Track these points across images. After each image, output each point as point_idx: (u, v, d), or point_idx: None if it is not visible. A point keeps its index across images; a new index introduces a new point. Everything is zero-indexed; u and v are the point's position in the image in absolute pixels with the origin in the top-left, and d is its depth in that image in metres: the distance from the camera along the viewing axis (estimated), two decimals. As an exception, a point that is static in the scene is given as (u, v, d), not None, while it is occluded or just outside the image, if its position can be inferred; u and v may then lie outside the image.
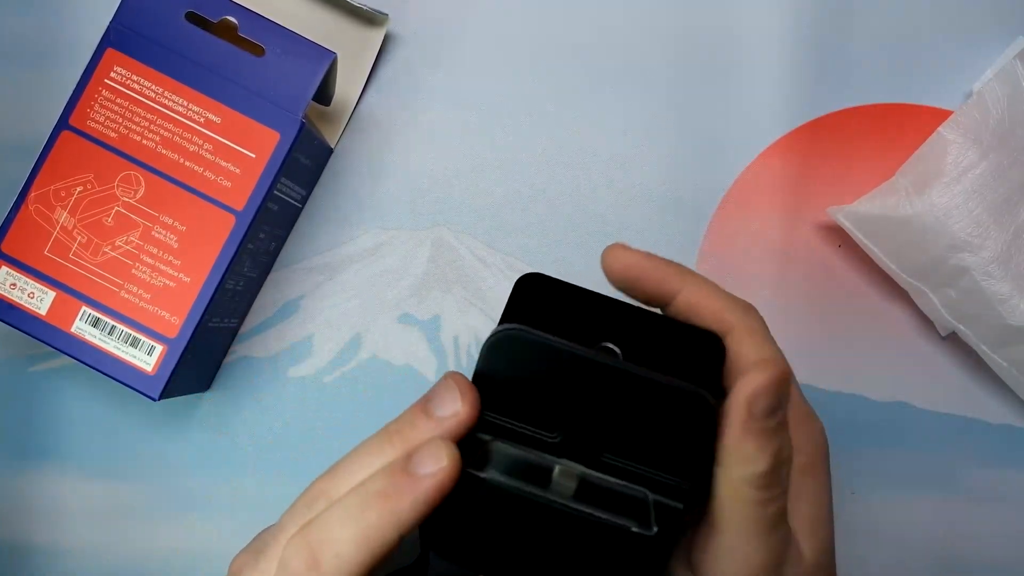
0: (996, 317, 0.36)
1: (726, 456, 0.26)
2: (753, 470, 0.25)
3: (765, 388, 0.25)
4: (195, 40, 0.35)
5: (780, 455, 0.26)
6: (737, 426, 0.25)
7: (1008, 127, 0.36)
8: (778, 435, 0.26)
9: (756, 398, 0.25)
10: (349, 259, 0.40)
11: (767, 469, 0.25)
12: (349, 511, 0.25)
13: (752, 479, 0.26)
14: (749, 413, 0.25)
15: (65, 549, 0.39)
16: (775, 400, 0.25)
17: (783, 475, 0.26)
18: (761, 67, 0.40)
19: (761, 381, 0.25)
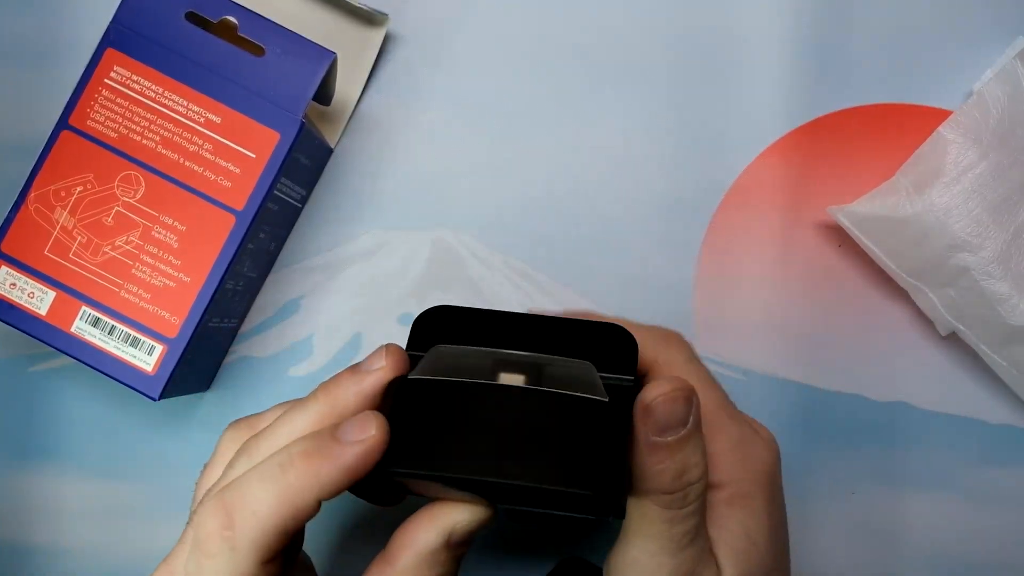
0: (996, 317, 0.36)
1: (636, 469, 0.25)
2: (655, 486, 0.25)
3: (656, 405, 0.25)
4: (195, 40, 0.35)
5: (682, 475, 0.25)
6: (640, 440, 0.25)
7: (1008, 127, 0.36)
8: (679, 453, 0.25)
9: (647, 413, 0.25)
10: (349, 259, 0.40)
11: (668, 487, 0.25)
12: (270, 471, 0.24)
13: (655, 496, 0.25)
14: (644, 428, 0.25)
15: (65, 549, 0.39)
16: (668, 416, 0.25)
17: (690, 497, 0.25)
18: (761, 67, 0.40)
19: (651, 398, 0.25)
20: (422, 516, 0.26)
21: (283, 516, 0.24)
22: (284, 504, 0.24)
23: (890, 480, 0.39)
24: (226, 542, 0.24)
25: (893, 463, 0.39)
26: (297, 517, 0.24)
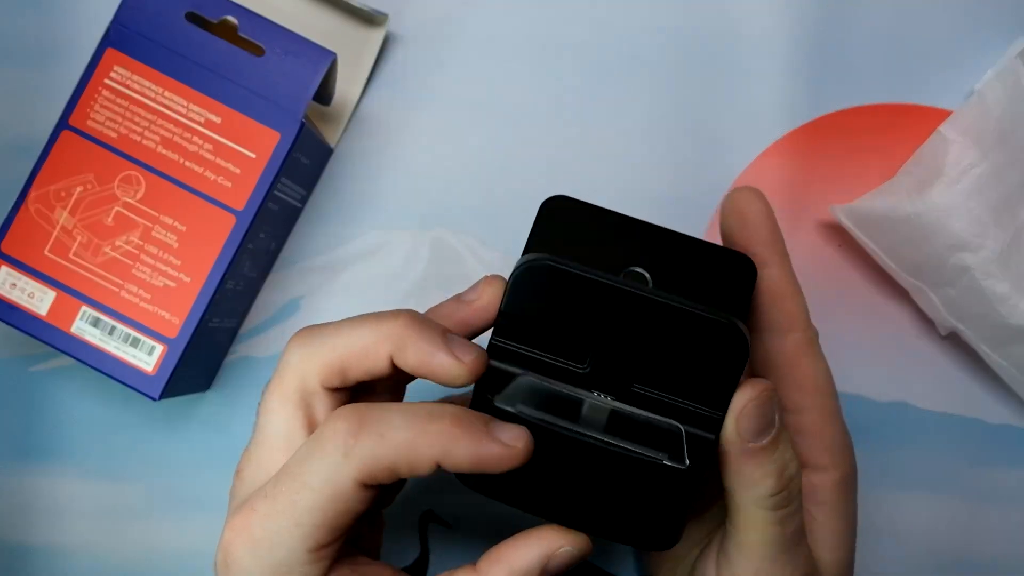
0: (996, 316, 0.36)
1: (733, 480, 0.26)
2: (760, 492, 0.26)
3: (749, 410, 0.25)
4: (195, 40, 0.35)
5: (784, 474, 0.26)
6: (734, 451, 0.26)
7: (1009, 126, 0.36)
8: (775, 453, 0.26)
9: (741, 420, 0.25)
10: (349, 259, 0.40)
11: (773, 490, 0.26)
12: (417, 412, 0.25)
13: (761, 501, 0.26)
14: (739, 437, 0.26)
15: (65, 549, 0.39)
16: (761, 420, 0.25)
17: (793, 492, 0.27)
18: (761, 67, 0.40)
19: (742, 404, 0.25)
20: (526, 535, 0.27)
21: (403, 454, 0.25)
22: (410, 446, 0.25)
23: (890, 480, 0.39)
24: (342, 448, 0.25)
25: (893, 463, 0.39)
26: (412, 464, 0.25)
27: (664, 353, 0.25)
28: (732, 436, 0.26)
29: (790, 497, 0.26)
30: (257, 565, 0.25)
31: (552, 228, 0.26)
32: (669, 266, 0.26)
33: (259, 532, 0.25)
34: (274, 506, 0.25)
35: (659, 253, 0.26)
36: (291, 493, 0.25)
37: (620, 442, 0.26)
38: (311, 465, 0.25)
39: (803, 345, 0.28)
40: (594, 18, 0.40)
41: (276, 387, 0.27)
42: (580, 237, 0.26)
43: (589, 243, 0.26)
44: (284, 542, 0.25)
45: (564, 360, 0.26)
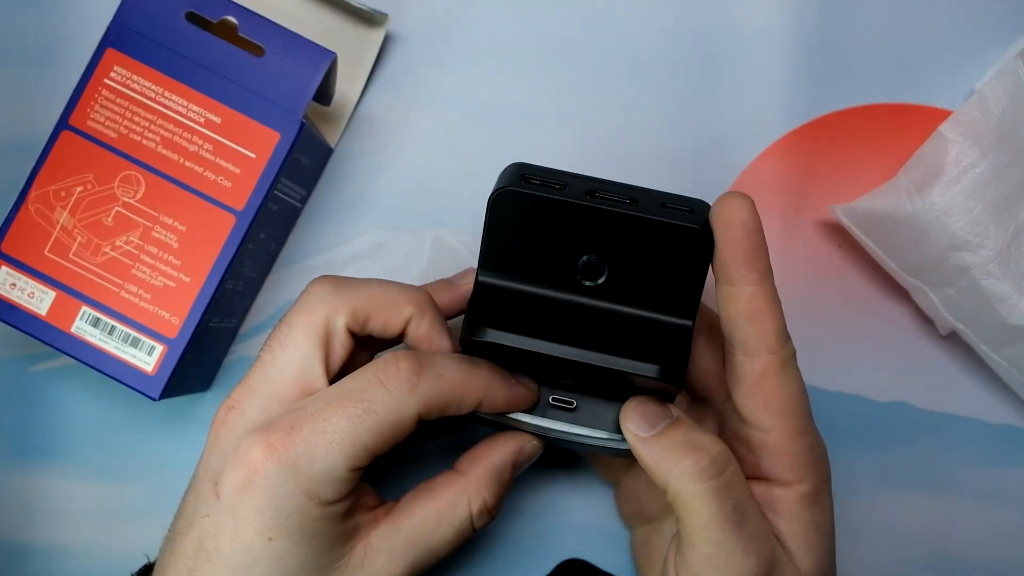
0: (996, 316, 0.36)
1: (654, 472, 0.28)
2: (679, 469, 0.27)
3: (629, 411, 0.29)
4: (195, 40, 0.35)
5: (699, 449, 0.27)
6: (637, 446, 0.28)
7: (1009, 126, 0.36)
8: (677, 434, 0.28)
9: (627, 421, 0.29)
10: (349, 259, 0.40)
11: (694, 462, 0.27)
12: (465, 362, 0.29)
13: (685, 476, 0.27)
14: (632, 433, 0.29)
15: (65, 549, 0.39)
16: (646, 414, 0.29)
17: (720, 463, 0.27)
18: (761, 67, 0.40)
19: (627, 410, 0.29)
20: (497, 438, 0.31)
21: (457, 393, 0.28)
22: (463, 387, 0.28)
23: (890, 480, 0.39)
24: (408, 383, 0.28)
25: (893, 463, 0.39)
26: (461, 403, 0.29)
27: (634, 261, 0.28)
28: (628, 436, 0.28)
29: (716, 467, 0.27)
30: (292, 481, 0.27)
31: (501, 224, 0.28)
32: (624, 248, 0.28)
33: (302, 448, 0.27)
34: (327, 425, 0.27)
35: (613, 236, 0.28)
36: (352, 416, 0.27)
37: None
38: (377, 394, 0.27)
39: (773, 367, 0.28)
40: (594, 18, 0.40)
41: (303, 319, 0.29)
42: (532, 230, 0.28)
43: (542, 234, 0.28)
44: (328, 458, 0.27)
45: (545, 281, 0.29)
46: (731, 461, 0.28)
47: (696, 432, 0.28)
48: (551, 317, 0.28)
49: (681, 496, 0.27)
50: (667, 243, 0.27)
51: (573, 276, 0.28)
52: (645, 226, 0.27)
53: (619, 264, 0.28)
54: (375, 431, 0.27)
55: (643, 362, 0.27)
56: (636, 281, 0.28)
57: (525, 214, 0.27)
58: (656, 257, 0.27)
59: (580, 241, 0.28)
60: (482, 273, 0.29)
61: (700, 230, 0.27)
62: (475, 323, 0.28)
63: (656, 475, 0.28)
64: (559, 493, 0.39)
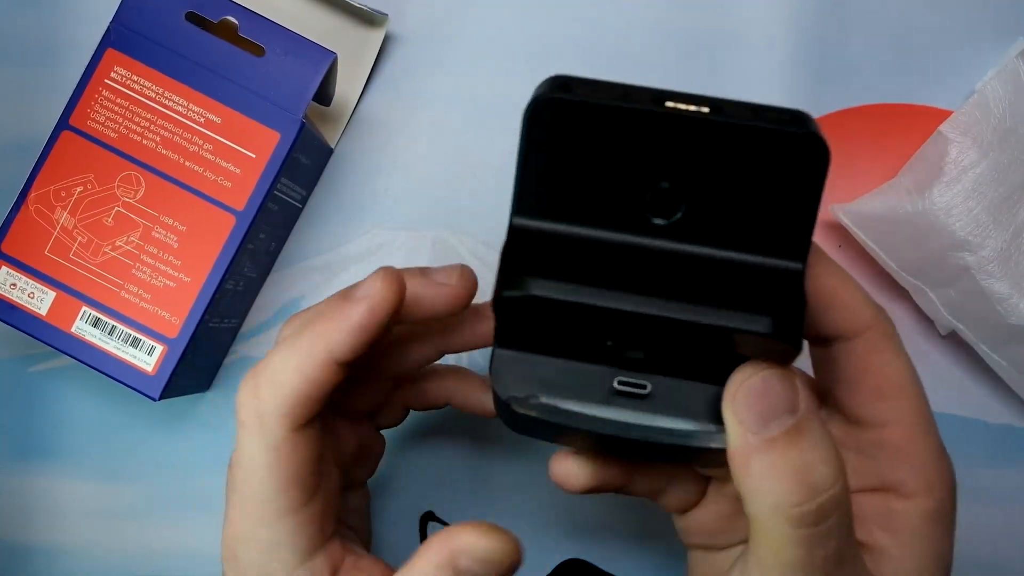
0: (996, 316, 0.36)
1: (740, 482, 0.21)
2: (773, 500, 0.20)
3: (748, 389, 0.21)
4: (195, 40, 0.35)
5: (808, 480, 0.20)
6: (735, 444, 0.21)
7: (1009, 126, 0.36)
8: (795, 450, 0.20)
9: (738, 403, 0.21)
10: (349, 259, 0.40)
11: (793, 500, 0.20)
12: (288, 340, 0.25)
13: (777, 511, 0.20)
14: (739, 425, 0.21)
15: (65, 549, 0.39)
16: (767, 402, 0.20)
17: (827, 508, 0.21)
18: (761, 67, 0.40)
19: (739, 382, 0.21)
20: (432, 540, 0.24)
21: (299, 381, 0.24)
22: (298, 370, 0.24)
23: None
24: (254, 411, 0.24)
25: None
26: (314, 380, 0.24)
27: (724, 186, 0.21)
28: (732, 426, 0.21)
29: (820, 513, 0.20)
30: (250, 555, 0.25)
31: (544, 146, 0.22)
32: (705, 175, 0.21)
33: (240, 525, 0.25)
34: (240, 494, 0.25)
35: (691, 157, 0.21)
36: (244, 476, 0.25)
37: None
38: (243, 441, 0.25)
39: (875, 341, 0.23)
40: (594, 18, 0.40)
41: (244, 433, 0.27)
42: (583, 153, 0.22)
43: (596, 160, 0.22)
44: (264, 522, 0.25)
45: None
46: (842, 504, 0.21)
47: (818, 451, 0.20)
48: (613, 266, 0.21)
49: (764, 524, 0.21)
50: (767, 159, 0.20)
51: (640, 213, 0.21)
52: (737, 137, 0.20)
53: (700, 194, 0.21)
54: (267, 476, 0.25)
55: (747, 313, 0.20)
56: (723, 215, 0.21)
57: (573, 131, 0.21)
58: (751, 180, 0.21)
59: (648, 165, 0.21)
60: (518, 216, 0.22)
61: (812, 136, 0.20)
62: (512, 274, 0.21)
63: (743, 490, 0.21)
64: (559, 492, 0.39)
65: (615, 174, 0.21)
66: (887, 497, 0.23)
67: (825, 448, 0.21)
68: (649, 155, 0.21)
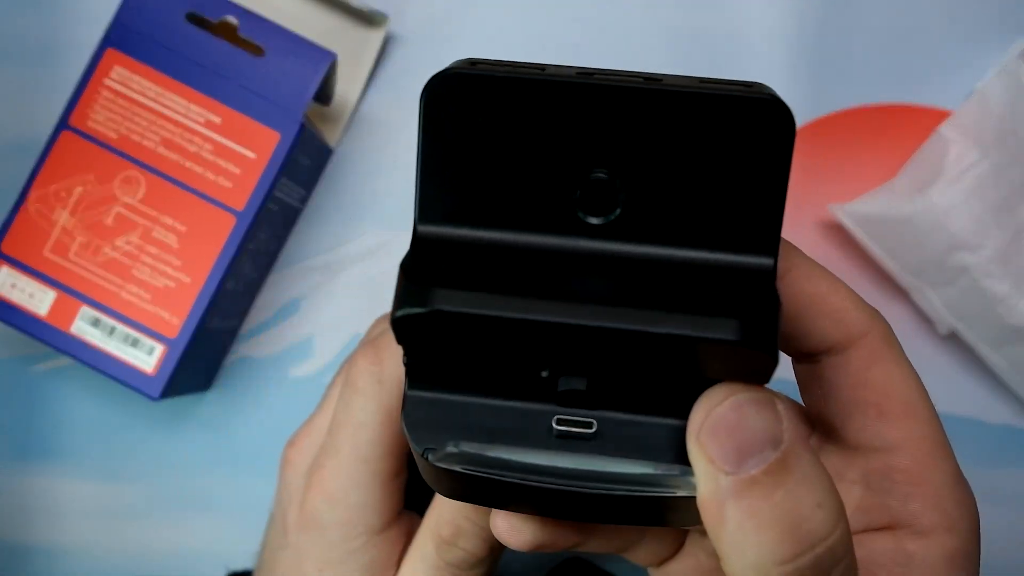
0: (996, 316, 0.36)
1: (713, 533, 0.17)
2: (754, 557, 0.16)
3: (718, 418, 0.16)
4: (195, 40, 0.35)
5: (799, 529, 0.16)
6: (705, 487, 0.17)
7: (1009, 126, 0.36)
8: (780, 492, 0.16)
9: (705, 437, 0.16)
10: (349, 259, 0.40)
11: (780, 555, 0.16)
12: None
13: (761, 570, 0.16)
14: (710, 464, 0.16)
15: (65, 549, 0.39)
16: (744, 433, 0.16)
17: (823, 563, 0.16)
18: (761, 67, 0.40)
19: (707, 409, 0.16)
20: None
21: None
22: None
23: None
24: (373, 375, 0.26)
25: (893, 463, 0.39)
26: None
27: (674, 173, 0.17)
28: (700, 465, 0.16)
29: (817, 570, 0.16)
30: (335, 516, 0.26)
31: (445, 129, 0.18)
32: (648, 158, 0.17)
33: (331, 484, 0.26)
34: (338, 455, 0.26)
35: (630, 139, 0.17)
36: (348, 437, 0.26)
37: None
38: (354, 404, 0.26)
39: (873, 349, 0.19)
40: (594, 18, 0.40)
41: None
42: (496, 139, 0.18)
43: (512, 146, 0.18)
44: (357, 484, 0.26)
45: None
46: (844, 555, 0.17)
47: (809, 491, 0.16)
48: (541, 275, 0.17)
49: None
50: (721, 134, 0.17)
51: (571, 211, 0.17)
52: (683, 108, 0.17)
53: (641, 182, 0.17)
54: (375, 439, 0.26)
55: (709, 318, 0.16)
56: (671, 206, 0.17)
57: (482, 113, 0.17)
58: (703, 161, 0.17)
59: (576, 151, 0.17)
60: (423, 223, 0.19)
61: (772, 101, 0.16)
62: (414, 287, 0.17)
63: (718, 546, 0.17)
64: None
65: (536, 164, 0.17)
66: (900, 537, 0.19)
67: (819, 486, 0.16)
68: (576, 139, 0.17)
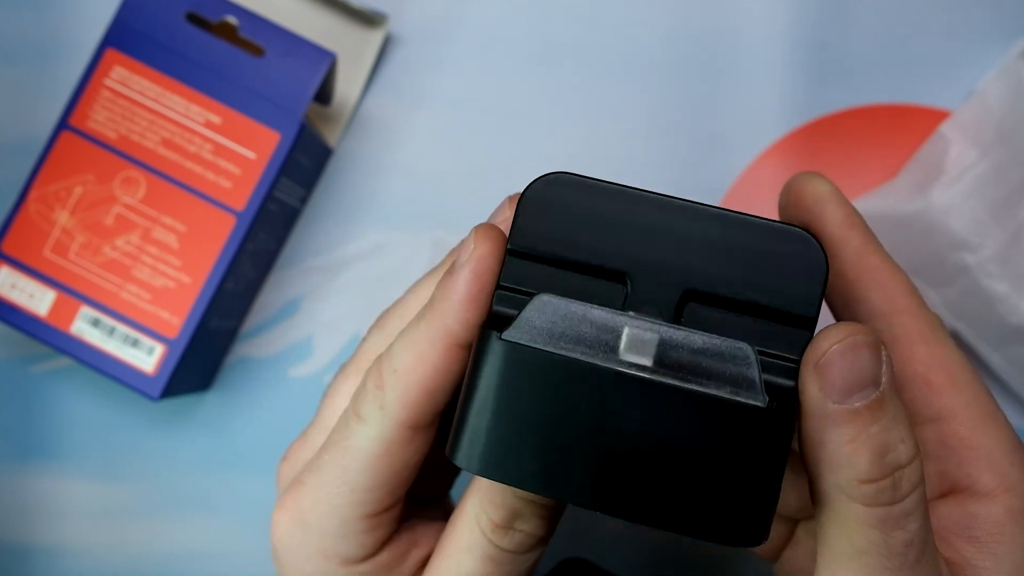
0: (996, 316, 0.36)
1: (813, 455, 0.19)
2: (848, 474, 0.19)
3: (835, 356, 0.19)
4: (195, 40, 0.35)
5: (885, 456, 0.19)
6: (814, 412, 0.19)
7: (1009, 126, 0.36)
8: (876, 425, 0.19)
9: (823, 370, 0.19)
10: (349, 260, 0.40)
11: (867, 474, 0.19)
12: (408, 328, 0.23)
13: (851, 488, 0.19)
14: (821, 393, 0.19)
15: (65, 549, 0.39)
16: (853, 370, 0.19)
17: (903, 487, 0.19)
18: (761, 67, 0.40)
19: (824, 348, 0.19)
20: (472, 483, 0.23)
21: (422, 371, 0.22)
22: (420, 358, 0.22)
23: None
24: (376, 401, 0.23)
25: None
26: (437, 370, 0.22)
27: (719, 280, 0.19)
28: (812, 391, 0.19)
29: (896, 492, 0.19)
30: (306, 541, 0.24)
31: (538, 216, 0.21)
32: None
33: (308, 504, 0.24)
34: (322, 476, 0.24)
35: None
36: (338, 459, 0.23)
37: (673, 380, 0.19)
38: (354, 428, 0.23)
39: (923, 330, 0.21)
40: (594, 18, 0.40)
41: (353, 369, 0.26)
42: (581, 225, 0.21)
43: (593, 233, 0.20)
44: (336, 511, 0.23)
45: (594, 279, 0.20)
46: (920, 483, 0.19)
47: (897, 429, 0.19)
48: None
49: (833, 507, 0.19)
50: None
51: None
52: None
53: None
54: (367, 468, 0.23)
55: None
56: None
57: None
58: None
59: None
60: None
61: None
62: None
63: (812, 463, 0.20)
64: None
65: None
66: (962, 501, 0.21)
67: (903, 425, 0.19)
68: None
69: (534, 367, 0.19)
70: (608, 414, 0.19)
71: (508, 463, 0.19)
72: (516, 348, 0.19)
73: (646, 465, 0.18)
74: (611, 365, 0.19)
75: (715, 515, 0.18)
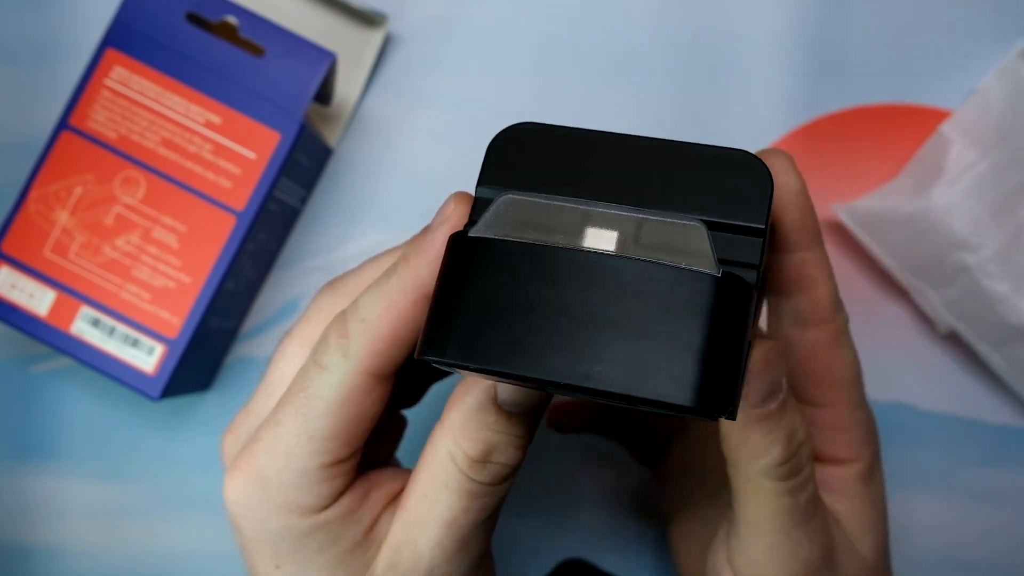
0: (995, 316, 0.36)
1: (736, 450, 0.24)
2: (767, 462, 0.23)
3: (755, 372, 0.22)
4: (195, 40, 0.35)
5: (792, 441, 0.24)
6: (739, 417, 0.23)
7: (1009, 126, 0.36)
8: (784, 419, 0.23)
9: (746, 384, 0.23)
10: (349, 260, 0.40)
11: (781, 459, 0.23)
12: (379, 280, 0.24)
13: (769, 471, 0.24)
14: (745, 402, 0.23)
15: (65, 549, 0.39)
16: (768, 383, 0.23)
17: (803, 459, 0.24)
18: (761, 67, 0.40)
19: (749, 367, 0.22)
20: (460, 384, 0.24)
21: (390, 319, 0.23)
22: (390, 307, 0.23)
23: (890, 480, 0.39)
24: (340, 350, 0.23)
25: (893, 463, 0.39)
26: (404, 322, 0.23)
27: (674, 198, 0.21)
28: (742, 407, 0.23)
29: (799, 465, 0.24)
30: (265, 498, 0.24)
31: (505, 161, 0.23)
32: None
33: (265, 460, 0.24)
34: (279, 429, 0.24)
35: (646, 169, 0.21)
36: (298, 409, 0.24)
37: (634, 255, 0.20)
38: (314, 376, 0.24)
39: (826, 337, 0.26)
40: (594, 18, 0.40)
41: (301, 331, 0.26)
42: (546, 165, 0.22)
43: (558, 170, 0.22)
44: (295, 461, 0.24)
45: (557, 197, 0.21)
46: (811, 454, 0.24)
47: (796, 414, 0.24)
48: None
49: (753, 486, 0.24)
50: None
51: None
52: None
53: None
54: (329, 414, 0.23)
55: None
56: None
57: None
58: None
59: None
60: None
61: None
62: None
63: (732, 450, 0.24)
64: (560, 491, 0.39)
65: None
66: (824, 465, 0.27)
67: (799, 412, 0.24)
68: None
69: (502, 256, 0.20)
70: (575, 293, 0.19)
71: (479, 348, 0.19)
72: (482, 242, 0.20)
73: (614, 340, 0.19)
74: (575, 246, 0.20)
75: (682, 385, 0.19)
